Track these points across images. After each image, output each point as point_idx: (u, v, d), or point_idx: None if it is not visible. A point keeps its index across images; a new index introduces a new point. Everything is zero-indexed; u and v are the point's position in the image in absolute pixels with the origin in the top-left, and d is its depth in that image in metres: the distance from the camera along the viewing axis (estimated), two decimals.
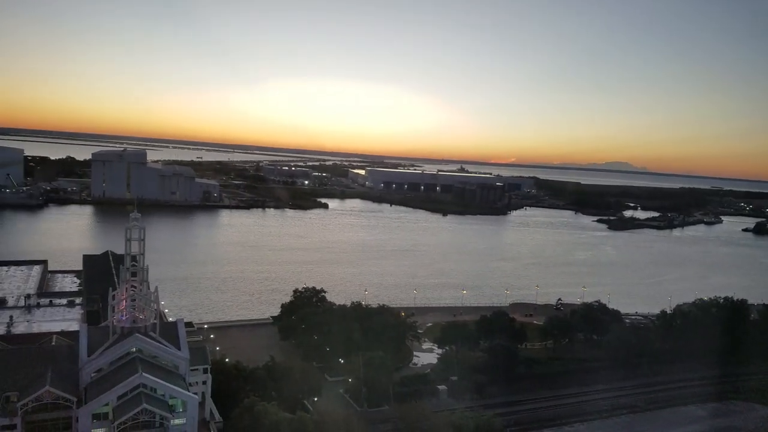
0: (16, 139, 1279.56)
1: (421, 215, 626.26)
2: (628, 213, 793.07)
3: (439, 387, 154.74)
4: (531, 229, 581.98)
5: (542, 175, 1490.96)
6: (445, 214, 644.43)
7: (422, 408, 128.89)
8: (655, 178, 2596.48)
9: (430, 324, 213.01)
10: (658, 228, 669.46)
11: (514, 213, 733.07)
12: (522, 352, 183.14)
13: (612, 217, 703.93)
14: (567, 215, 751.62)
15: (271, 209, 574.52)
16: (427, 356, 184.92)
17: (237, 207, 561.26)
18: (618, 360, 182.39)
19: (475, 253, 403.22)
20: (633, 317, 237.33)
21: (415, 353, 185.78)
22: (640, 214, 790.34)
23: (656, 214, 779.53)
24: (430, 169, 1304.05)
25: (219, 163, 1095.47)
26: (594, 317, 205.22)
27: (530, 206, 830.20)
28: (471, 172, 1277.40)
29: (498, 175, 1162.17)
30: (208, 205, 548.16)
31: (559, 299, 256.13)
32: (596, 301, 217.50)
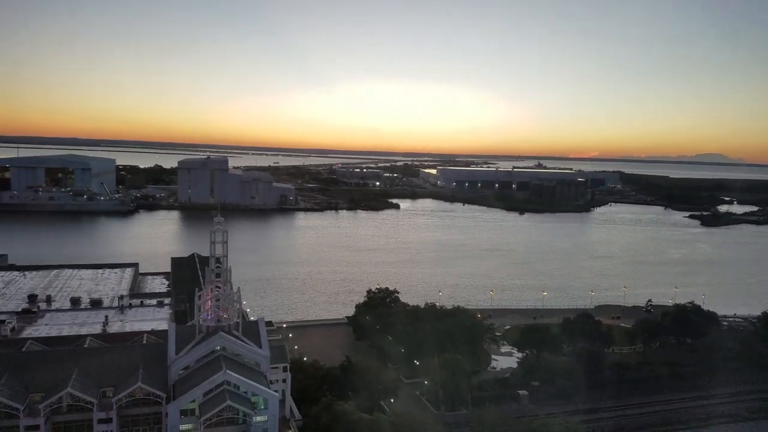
0: (108, 149, 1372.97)
1: (497, 214, 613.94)
2: (723, 208, 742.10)
3: (520, 392, 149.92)
4: (617, 226, 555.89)
5: (628, 169, 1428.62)
6: (522, 212, 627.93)
7: (502, 413, 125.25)
8: (752, 169, 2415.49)
9: (508, 327, 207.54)
10: (757, 223, 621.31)
11: (598, 210, 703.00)
12: (609, 356, 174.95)
13: (705, 213, 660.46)
14: (656, 211, 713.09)
15: (344, 211, 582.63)
16: (506, 360, 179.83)
17: (311, 209, 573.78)
18: (715, 365, 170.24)
19: (556, 252, 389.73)
20: (731, 319, 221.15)
21: (493, 357, 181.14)
22: (737, 209, 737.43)
23: (755, 209, 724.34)
24: (505, 166, 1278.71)
25: (294, 167, 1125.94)
26: (687, 319, 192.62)
27: (615, 202, 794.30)
28: (549, 168, 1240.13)
29: (579, 171, 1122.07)
30: (285, 208, 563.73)
31: (649, 300, 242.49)
32: (690, 302, 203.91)
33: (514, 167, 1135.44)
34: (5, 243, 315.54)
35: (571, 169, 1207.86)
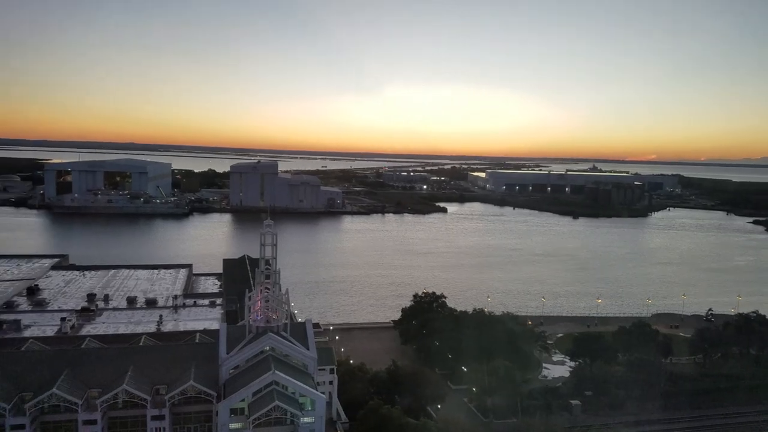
0: (165, 154, 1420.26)
1: (549, 218, 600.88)
2: None
3: (572, 402, 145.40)
4: (677, 232, 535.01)
5: (687, 173, 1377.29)
6: (576, 216, 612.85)
7: (553, 423, 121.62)
8: None
9: (561, 335, 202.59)
10: None
11: (656, 215, 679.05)
12: (667, 366, 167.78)
13: None
14: (717, 217, 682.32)
15: (390, 214, 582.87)
16: (558, 369, 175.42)
17: (358, 213, 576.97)
18: None
19: (612, 258, 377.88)
20: None
21: (544, 365, 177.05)
22: None
23: None
24: (558, 169, 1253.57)
25: (342, 171, 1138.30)
26: (751, 329, 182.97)
27: (674, 207, 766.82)
28: (605, 171, 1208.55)
29: (636, 174, 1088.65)
30: (332, 211, 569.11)
31: (710, 309, 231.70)
32: (754, 312, 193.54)
33: (567, 170, 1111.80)
34: (66, 243, 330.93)
35: (627, 173, 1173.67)
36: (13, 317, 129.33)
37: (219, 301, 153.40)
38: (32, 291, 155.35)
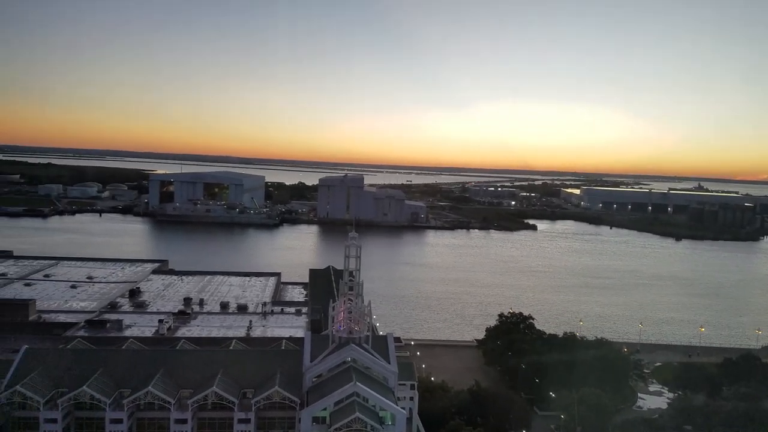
0: (259, 167, 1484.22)
1: (649, 239, 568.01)
2: None
3: None
4: None
5: None
6: (678, 238, 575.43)
7: None
8: None
9: (659, 364, 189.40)
10: None
11: None
12: None
13: None
14: None
15: (476, 230, 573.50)
16: (654, 399, 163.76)
17: (442, 228, 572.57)
18: None
19: (718, 285, 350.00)
20: None
21: (639, 395, 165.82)
22: None
23: None
24: (659, 187, 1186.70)
25: (426, 185, 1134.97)
26: None
27: None
28: (711, 191, 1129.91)
29: (747, 194, 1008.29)
30: (416, 225, 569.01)
31: None
32: None
33: (669, 189, 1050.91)
34: (167, 249, 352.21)
35: (736, 193, 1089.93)
36: (116, 317, 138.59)
37: (305, 309, 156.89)
38: (134, 293, 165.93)
